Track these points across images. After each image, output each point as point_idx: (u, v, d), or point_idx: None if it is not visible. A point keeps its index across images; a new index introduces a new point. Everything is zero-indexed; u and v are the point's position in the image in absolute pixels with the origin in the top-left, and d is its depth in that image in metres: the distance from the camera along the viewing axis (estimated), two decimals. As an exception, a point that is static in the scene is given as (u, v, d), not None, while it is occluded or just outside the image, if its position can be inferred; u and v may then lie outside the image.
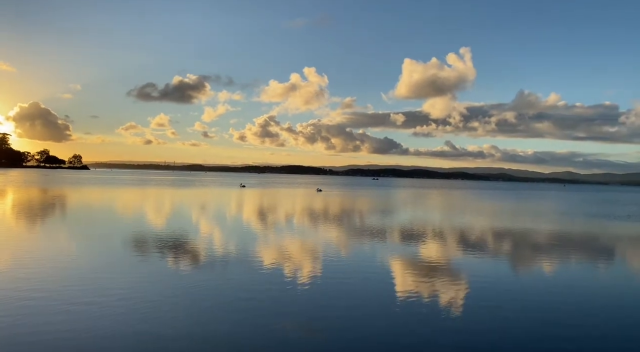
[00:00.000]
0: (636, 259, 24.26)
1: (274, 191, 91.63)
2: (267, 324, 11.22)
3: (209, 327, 10.86)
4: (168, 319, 11.27)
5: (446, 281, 16.55)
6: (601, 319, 12.69)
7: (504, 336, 10.97)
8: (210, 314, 11.87)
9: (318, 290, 14.66)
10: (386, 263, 19.87)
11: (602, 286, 17.00)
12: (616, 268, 21.04)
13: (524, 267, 20.43)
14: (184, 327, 10.73)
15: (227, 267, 17.62)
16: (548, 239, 29.90)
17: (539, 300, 14.38)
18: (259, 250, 21.77)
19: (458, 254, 22.63)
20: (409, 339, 10.59)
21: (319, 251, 21.94)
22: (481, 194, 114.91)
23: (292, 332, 10.81)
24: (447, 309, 13.05)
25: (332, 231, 30.30)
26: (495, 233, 32.21)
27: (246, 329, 10.79)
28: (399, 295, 14.44)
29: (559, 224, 40.13)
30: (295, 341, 10.23)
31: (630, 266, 22.17)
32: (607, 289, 16.48)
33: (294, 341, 10.26)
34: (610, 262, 22.53)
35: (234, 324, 11.11)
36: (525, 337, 10.92)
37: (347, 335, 10.71)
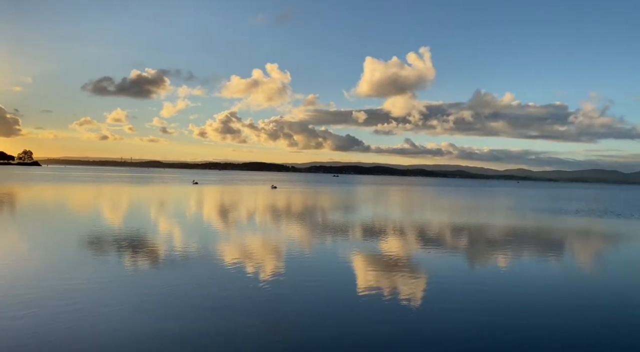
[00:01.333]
0: (587, 251, 25.43)
1: (227, 188, 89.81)
2: (227, 322, 11.06)
3: (169, 327, 10.59)
4: (125, 320, 10.91)
5: (406, 277, 16.83)
6: (555, 309, 13.22)
7: (464, 330, 11.25)
8: (169, 314, 11.57)
9: (277, 288, 14.56)
10: (342, 260, 19.99)
11: (553, 278, 17.71)
12: (567, 260, 21.98)
13: (481, 261, 21.04)
14: (142, 327, 10.42)
15: (179, 267, 17.23)
16: (504, 234, 30.95)
17: (497, 292, 14.86)
18: (209, 249, 21.38)
19: (417, 250, 23.06)
20: (371, 334, 10.69)
21: (267, 249, 21.85)
22: (440, 191, 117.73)
23: (253, 329, 10.67)
24: (408, 304, 13.28)
25: (279, 228, 30.19)
26: (454, 229, 33.03)
27: (205, 328, 10.59)
28: (360, 291, 14.55)
29: (513, 219, 41.62)
30: (257, 339, 10.12)
31: (582, 258, 23.21)
32: (557, 281, 17.19)
33: (255, 338, 10.15)
34: (562, 255, 23.53)
35: (194, 323, 10.87)
36: (485, 330, 11.25)
37: (308, 331, 10.70)
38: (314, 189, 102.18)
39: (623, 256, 24.67)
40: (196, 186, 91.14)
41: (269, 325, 11.11)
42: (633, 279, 18.31)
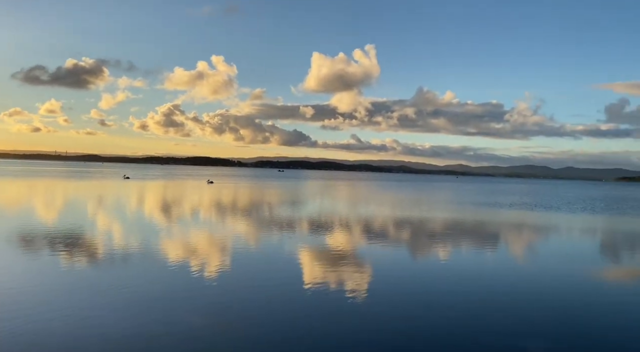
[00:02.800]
0: (521, 242, 26.78)
1: (159, 183, 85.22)
2: (172, 322, 10.71)
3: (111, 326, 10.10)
4: (65, 319, 10.25)
5: (351, 271, 17.05)
6: (491, 296, 13.83)
7: (409, 321, 11.53)
8: (113, 313, 11.04)
9: (219, 285, 14.31)
10: (283, 255, 19.91)
11: (490, 267, 18.52)
12: (502, 251, 23.07)
13: (424, 254, 21.65)
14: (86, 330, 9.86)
15: (107, 265, 16.44)
16: (445, 228, 32.05)
17: (441, 283, 15.36)
18: (133, 247, 20.56)
19: (362, 244, 23.40)
20: (318, 328, 10.73)
21: (198, 247, 21.31)
22: (385, 186, 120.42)
23: (200, 328, 10.40)
24: (353, 298, 13.44)
25: (205, 225, 29.56)
26: (398, 223, 33.80)
27: (150, 330, 10.21)
28: (305, 286, 14.56)
29: (454, 213, 43.24)
30: (204, 338, 9.85)
31: (517, 248, 24.40)
32: (493, 269, 17.98)
33: (203, 337, 9.88)
34: (497, 245, 24.68)
35: (139, 325, 10.47)
36: (430, 320, 11.60)
37: (256, 328, 10.56)
38: (253, 183, 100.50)
39: (552, 245, 26.24)
40: (126, 181, 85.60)
41: (215, 323, 10.88)
42: (561, 264, 19.48)
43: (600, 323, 11.76)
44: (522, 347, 9.89)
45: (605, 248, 25.91)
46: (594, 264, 20.50)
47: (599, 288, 15.84)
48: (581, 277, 17.24)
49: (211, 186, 78.36)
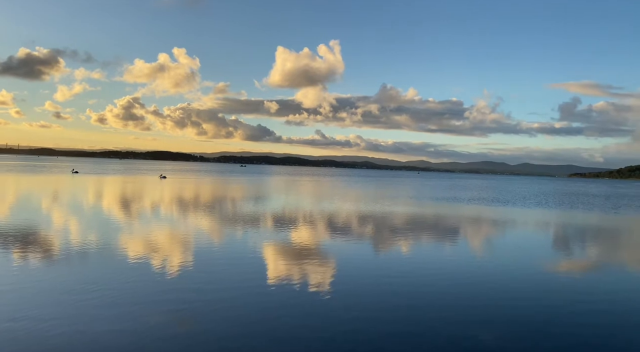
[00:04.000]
0: (478, 235, 27.67)
1: (108, 178, 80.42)
2: (133, 319, 10.56)
3: (76, 325, 9.87)
4: (31, 320, 9.91)
5: (314, 265, 17.22)
6: (454, 289, 14.27)
7: (369, 314, 11.78)
8: (77, 311, 10.79)
9: (178, 281, 14.13)
10: (239, 251, 19.82)
11: (450, 260, 19.10)
12: (461, 244, 23.79)
13: (387, 248, 22.04)
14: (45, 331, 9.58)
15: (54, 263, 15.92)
16: (405, 222, 32.74)
17: (403, 275, 15.72)
18: (78, 244, 20.06)
19: (325, 239, 23.61)
20: (281, 323, 10.81)
21: (147, 244, 20.94)
22: (349, 181, 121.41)
23: (161, 325, 10.30)
24: (317, 292, 13.63)
25: (143, 221, 28.86)
26: (361, 218, 34.23)
27: (109, 324, 10.03)
28: (267, 281, 14.59)
29: (416, 208, 44.19)
30: (165, 334, 9.76)
31: (474, 242, 25.20)
32: (454, 262, 18.55)
33: (164, 333, 9.79)
34: (457, 238, 25.43)
35: (99, 324, 10.24)
36: (394, 313, 11.87)
37: (218, 322, 10.55)
38: (211, 179, 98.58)
39: (507, 239, 27.29)
40: (74, 176, 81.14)
41: (179, 321, 10.75)
42: (515, 257, 20.31)
43: (554, 312, 12.36)
44: (478, 337, 10.30)
45: (557, 241, 27.17)
46: (546, 257, 21.48)
47: (551, 279, 16.62)
48: (534, 269, 18.05)
49: (163, 181, 75.34)
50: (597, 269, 19.00)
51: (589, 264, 20.04)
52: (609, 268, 19.26)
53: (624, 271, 19.03)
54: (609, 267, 19.40)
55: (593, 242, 27.66)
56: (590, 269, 18.94)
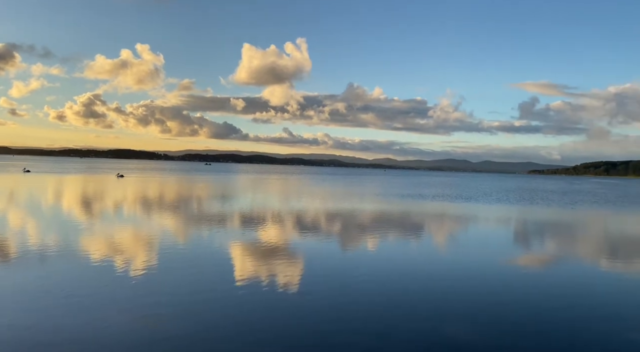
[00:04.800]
0: (443, 231, 28.32)
1: (62, 177, 77.02)
2: (98, 320, 10.29)
3: (42, 329, 9.50)
4: None
5: (283, 264, 17.18)
6: (421, 284, 14.57)
7: (335, 312, 11.89)
8: (41, 320, 10.41)
9: (141, 282, 13.82)
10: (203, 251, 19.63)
11: (418, 255, 19.48)
12: (426, 240, 24.29)
13: (351, 245, 22.26)
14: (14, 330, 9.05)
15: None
16: (372, 219, 33.15)
17: (372, 272, 15.88)
18: (32, 246, 19.47)
19: (293, 237, 23.60)
20: (250, 322, 10.76)
21: (99, 244, 20.56)
22: (317, 179, 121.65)
23: (126, 326, 10.07)
24: (286, 291, 13.61)
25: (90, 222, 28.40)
26: (329, 215, 34.42)
27: (77, 332, 9.75)
28: (235, 281, 14.47)
29: (382, 205, 44.76)
30: (131, 336, 9.57)
31: (439, 237, 25.79)
32: (421, 257, 18.94)
33: (130, 336, 9.59)
34: (422, 234, 25.95)
35: (64, 329, 9.95)
36: (365, 310, 12.01)
37: (185, 323, 10.40)
38: (172, 177, 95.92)
39: (470, 234, 28.06)
40: (25, 175, 77.62)
41: (141, 323, 10.54)
42: (477, 252, 20.93)
43: (516, 305, 12.83)
44: (443, 331, 10.58)
45: (519, 236, 28.14)
46: (510, 252, 22.23)
47: (516, 273, 17.22)
48: (497, 263, 18.65)
49: (120, 181, 71.98)
50: (558, 262, 19.81)
51: (550, 258, 20.86)
52: (569, 262, 20.11)
53: (583, 263, 19.92)
54: (569, 261, 20.26)
55: (553, 236, 28.80)
56: (551, 262, 19.72)
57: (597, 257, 21.32)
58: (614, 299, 13.79)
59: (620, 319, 11.83)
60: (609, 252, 23.25)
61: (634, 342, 10.22)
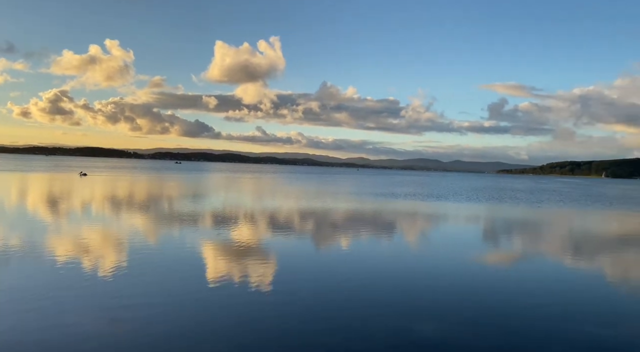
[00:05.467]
0: (415, 229, 28.71)
1: (18, 176, 73.09)
2: (68, 321, 10.00)
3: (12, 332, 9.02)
4: None
5: (256, 263, 17.07)
6: (392, 281, 14.70)
7: (307, 311, 11.88)
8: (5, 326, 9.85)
9: (109, 284, 13.52)
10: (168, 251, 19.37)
11: (389, 253, 19.67)
12: (399, 238, 24.58)
13: (324, 244, 22.32)
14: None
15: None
16: (345, 218, 33.32)
17: (337, 272, 15.98)
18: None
19: (266, 236, 23.49)
20: (222, 323, 10.67)
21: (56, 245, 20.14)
22: (291, 178, 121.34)
23: (90, 329, 9.81)
24: (258, 291, 13.49)
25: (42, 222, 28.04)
26: (303, 214, 34.41)
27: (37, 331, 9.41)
28: (207, 281, 14.29)
29: (354, 204, 45.00)
30: (98, 339, 9.31)
31: (411, 235, 26.13)
32: (393, 255, 19.14)
33: (97, 339, 9.33)
34: (395, 233, 26.24)
35: (32, 327, 9.59)
36: (337, 309, 12.04)
37: (155, 325, 10.22)
38: (140, 176, 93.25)
39: (440, 232, 28.56)
40: None
41: (110, 325, 10.30)
42: (447, 249, 21.32)
43: (485, 302, 13.11)
44: (416, 329, 10.72)
45: (488, 234, 28.78)
46: (477, 248, 22.73)
47: (485, 271, 17.61)
48: (466, 261, 19.01)
49: (82, 179, 69.11)
50: (525, 260, 20.35)
51: (518, 255, 21.42)
52: (536, 259, 20.69)
53: (550, 261, 20.52)
54: (536, 258, 20.84)
55: (521, 234, 29.58)
56: (518, 260, 20.25)
57: (563, 255, 22.01)
58: (579, 296, 14.27)
59: (584, 314, 12.26)
60: (574, 249, 24.04)
61: (598, 337, 10.61)
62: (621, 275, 18.12)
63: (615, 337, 10.57)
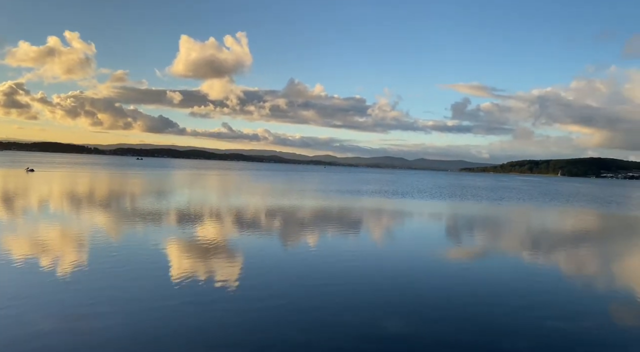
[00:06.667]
0: (379, 227, 28.98)
1: None
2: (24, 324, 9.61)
3: None
4: None
5: (221, 261, 16.83)
6: (357, 276, 14.77)
7: (274, 309, 11.79)
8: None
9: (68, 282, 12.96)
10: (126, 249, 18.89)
11: (354, 249, 19.77)
12: (365, 234, 24.76)
13: (291, 241, 22.23)
14: None
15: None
16: (311, 215, 33.30)
17: (303, 269, 15.95)
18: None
19: (231, 234, 23.18)
20: (185, 321, 10.45)
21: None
22: (257, 175, 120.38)
23: (49, 330, 9.43)
24: (223, 288, 13.31)
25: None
26: (269, 211, 34.17)
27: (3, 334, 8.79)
28: (171, 279, 13.96)
29: (321, 201, 45.08)
30: (61, 340, 8.97)
31: (376, 233, 26.34)
32: (357, 251, 19.23)
33: (60, 339, 8.98)
34: (361, 229, 26.41)
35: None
36: (296, 307, 11.98)
37: (120, 324, 9.92)
38: (93, 172, 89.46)
39: (404, 229, 28.98)
40: None
41: (71, 325, 9.93)
42: (411, 245, 21.63)
43: (448, 297, 13.36)
44: (383, 325, 10.81)
45: (450, 230, 29.38)
46: (441, 245, 23.17)
47: (445, 265, 17.96)
48: (431, 257, 19.36)
49: (28, 175, 65.46)
50: (486, 255, 20.88)
51: (479, 251, 21.95)
52: (498, 254, 21.27)
53: (509, 256, 21.12)
54: (498, 254, 21.43)
55: (482, 230, 30.33)
56: (480, 255, 20.76)
57: (523, 250, 22.71)
58: (538, 289, 14.74)
59: (543, 307, 12.67)
60: (532, 244, 24.84)
61: (557, 329, 10.99)
62: (576, 268, 18.86)
63: (573, 329, 10.97)
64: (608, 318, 12.02)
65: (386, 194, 60.72)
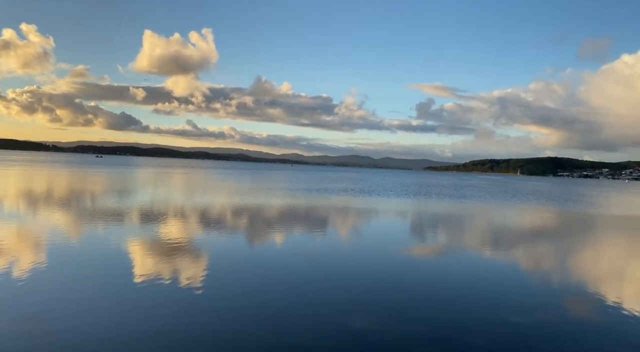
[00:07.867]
0: (346, 225, 29.11)
1: None
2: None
3: None
4: None
5: (185, 261, 16.49)
6: (326, 273, 14.76)
7: (241, 310, 11.64)
8: None
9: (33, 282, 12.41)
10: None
11: (321, 247, 19.77)
12: (331, 234, 24.82)
13: (257, 239, 22.06)
14: None
15: None
16: (278, 213, 33.14)
17: (270, 268, 15.83)
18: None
19: (196, 233, 22.77)
20: (150, 320, 10.20)
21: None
22: (223, 174, 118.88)
23: (4, 331, 8.87)
24: (189, 287, 13.04)
25: None
26: (234, 210, 33.77)
27: None
28: (132, 281, 13.59)
29: (288, 199, 44.92)
30: (7, 341, 8.51)
31: (343, 231, 26.46)
32: (324, 248, 19.26)
33: (5, 340, 8.52)
34: (327, 229, 26.46)
35: None
36: (264, 306, 11.84)
37: (81, 323, 9.52)
38: (47, 170, 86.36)
39: (371, 226, 29.25)
40: None
41: (25, 325, 9.47)
42: (378, 243, 21.85)
43: (411, 294, 13.55)
44: (343, 322, 10.84)
45: (415, 228, 29.87)
46: (405, 242, 23.50)
47: (408, 263, 18.22)
48: (394, 254, 19.62)
49: None
50: (449, 252, 21.32)
51: (443, 248, 22.41)
52: (459, 251, 21.76)
53: (470, 253, 21.65)
54: (460, 251, 21.91)
55: (445, 228, 30.98)
56: (443, 253, 21.18)
57: (483, 247, 23.33)
58: (498, 285, 15.16)
59: (502, 303, 13.04)
60: (493, 241, 25.55)
61: (516, 325, 11.32)
62: (535, 264, 19.52)
63: (532, 324, 11.32)
64: (564, 311, 12.50)
65: (353, 192, 61.15)
